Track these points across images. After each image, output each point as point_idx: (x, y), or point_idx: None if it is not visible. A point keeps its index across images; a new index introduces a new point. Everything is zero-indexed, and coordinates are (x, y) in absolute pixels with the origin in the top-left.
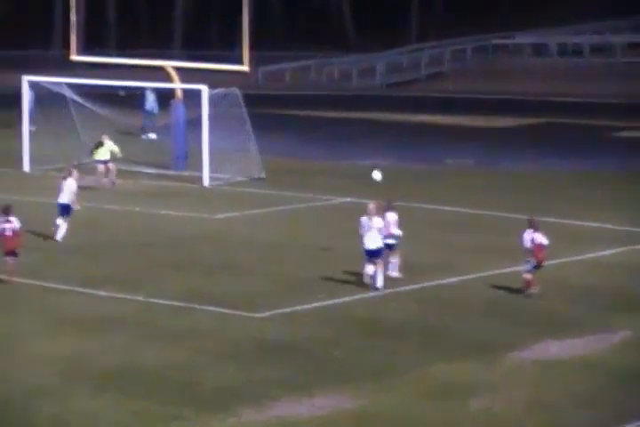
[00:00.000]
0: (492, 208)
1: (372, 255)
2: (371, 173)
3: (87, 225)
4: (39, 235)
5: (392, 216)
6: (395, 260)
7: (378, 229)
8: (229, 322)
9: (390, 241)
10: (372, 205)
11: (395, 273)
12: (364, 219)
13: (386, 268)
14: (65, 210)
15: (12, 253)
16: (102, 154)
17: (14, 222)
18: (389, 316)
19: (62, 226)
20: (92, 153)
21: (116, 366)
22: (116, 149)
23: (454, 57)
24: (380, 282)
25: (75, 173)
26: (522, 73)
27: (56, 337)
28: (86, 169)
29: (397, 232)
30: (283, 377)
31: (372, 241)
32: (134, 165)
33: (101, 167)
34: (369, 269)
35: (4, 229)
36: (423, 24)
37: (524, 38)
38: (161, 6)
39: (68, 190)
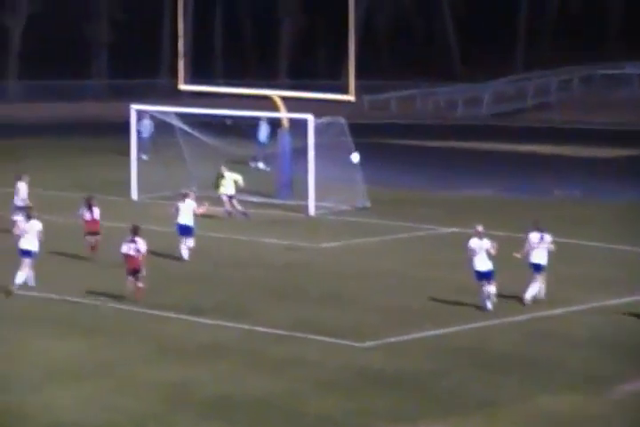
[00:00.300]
0: (597, 239)
1: (483, 277)
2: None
3: (193, 253)
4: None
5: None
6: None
7: (487, 251)
8: (334, 351)
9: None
10: (479, 228)
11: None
12: (472, 241)
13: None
14: (185, 230)
15: (135, 273)
16: (227, 187)
17: (139, 243)
18: (494, 347)
19: (188, 245)
20: (216, 186)
21: (220, 393)
22: (238, 177)
23: (561, 87)
24: (489, 304)
25: (192, 194)
26: (630, 103)
27: (162, 364)
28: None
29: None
30: (387, 408)
31: (482, 263)
32: (239, 194)
33: (226, 199)
34: (491, 288)
35: (129, 248)
36: (529, 54)
37: (633, 69)
38: (267, 36)
39: (188, 211)
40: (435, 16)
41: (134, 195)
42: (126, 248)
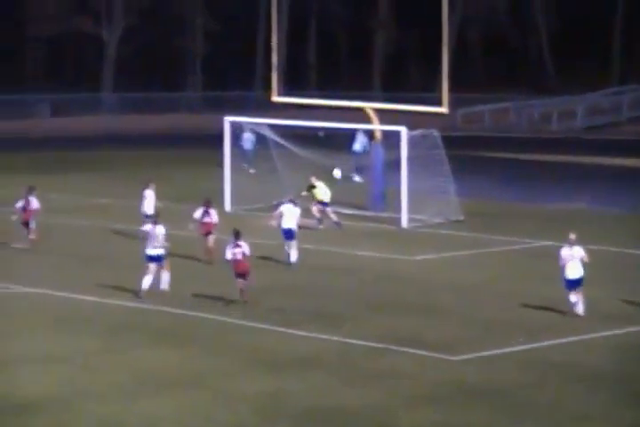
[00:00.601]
0: None
1: (573, 285)
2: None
3: (286, 264)
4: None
5: None
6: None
7: (580, 259)
8: (427, 364)
9: None
10: (572, 236)
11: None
12: (564, 249)
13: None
14: (290, 234)
15: (242, 276)
16: (322, 194)
17: (244, 247)
18: (587, 361)
19: (294, 249)
20: (312, 195)
21: (313, 405)
22: (327, 190)
23: None
24: (580, 310)
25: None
26: None
27: (255, 375)
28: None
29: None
30: (480, 421)
31: (574, 271)
32: (332, 205)
33: (315, 209)
34: (572, 297)
35: (235, 253)
36: (625, 67)
37: None
38: (361, 49)
39: (292, 215)
40: (529, 29)
41: (227, 206)
42: (231, 253)
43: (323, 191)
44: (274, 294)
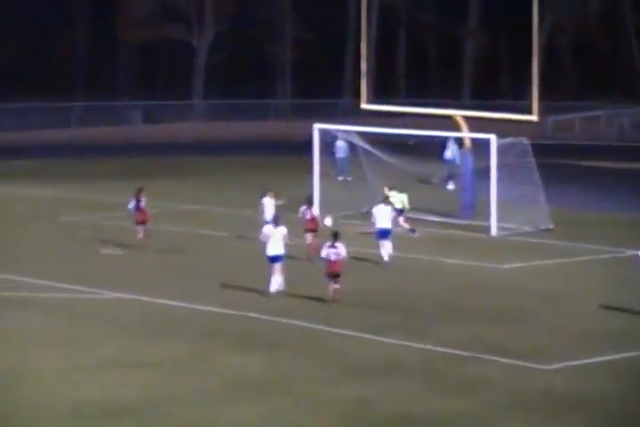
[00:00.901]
0: None
1: None
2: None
3: (374, 271)
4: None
5: None
6: None
7: None
8: (516, 373)
9: None
10: None
11: None
12: None
13: None
14: (383, 234)
15: (335, 277)
16: (396, 203)
17: (340, 249)
18: None
19: (387, 249)
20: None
21: (400, 412)
22: (404, 197)
23: None
24: None
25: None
26: None
27: (341, 382)
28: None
29: None
30: None
31: None
32: (422, 214)
33: (401, 219)
34: None
35: (329, 253)
36: None
37: None
38: (450, 56)
39: (387, 216)
40: (620, 36)
41: (316, 213)
42: (326, 253)
43: (397, 200)
44: (361, 300)
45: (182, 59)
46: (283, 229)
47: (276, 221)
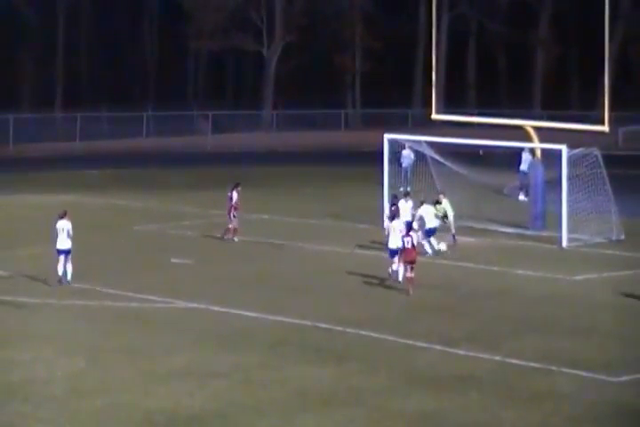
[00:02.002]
0: None
1: None
2: None
3: (443, 282)
4: (392, 288)
5: None
6: None
7: None
8: (587, 385)
9: None
10: None
11: None
12: None
13: None
14: (431, 231)
15: (411, 263)
16: (439, 211)
17: (413, 237)
18: None
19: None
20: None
21: (470, 424)
22: (449, 210)
23: None
24: None
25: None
26: None
27: (412, 394)
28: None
29: None
30: None
31: None
32: (492, 224)
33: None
34: None
35: (405, 242)
36: None
37: None
38: (521, 68)
39: (430, 215)
40: None
41: (386, 223)
42: (401, 242)
43: (440, 209)
44: (431, 312)
45: (251, 69)
46: (399, 224)
47: (393, 216)
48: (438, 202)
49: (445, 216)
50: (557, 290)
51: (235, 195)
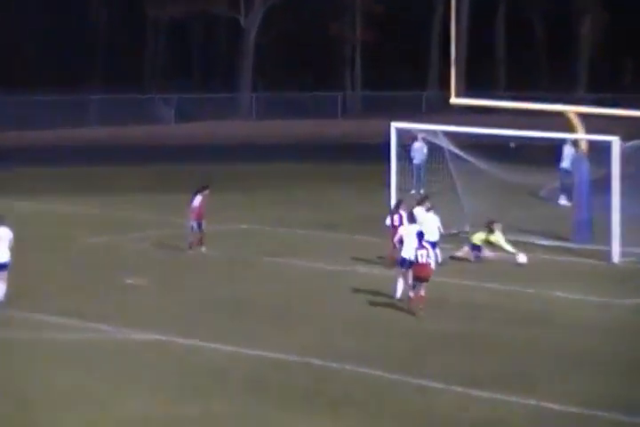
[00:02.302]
0: None
1: None
2: None
3: (465, 306)
4: (400, 315)
5: None
6: None
7: None
8: None
9: None
10: None
11: None
12: None
13: None
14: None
15: (424, 281)
16: (477, 238)
17: (429, 249)
18: None
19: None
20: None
21: None
22: (502, 243)
23: None
24: None
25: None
26: None
27: None
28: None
29: None
30: None
31: None
32: (525, 235)
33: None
34: None
35: (420, 255)
36: None
37: None
38: (562, 39)
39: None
40: None
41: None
42: (415, 255)
43: (483, 236)
44: (449, 345)
45: (225, 41)
46: (416, 227)
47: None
48: (491, 230)
49: (490, 242)
50: (605, 317)
51: (198, 199)
